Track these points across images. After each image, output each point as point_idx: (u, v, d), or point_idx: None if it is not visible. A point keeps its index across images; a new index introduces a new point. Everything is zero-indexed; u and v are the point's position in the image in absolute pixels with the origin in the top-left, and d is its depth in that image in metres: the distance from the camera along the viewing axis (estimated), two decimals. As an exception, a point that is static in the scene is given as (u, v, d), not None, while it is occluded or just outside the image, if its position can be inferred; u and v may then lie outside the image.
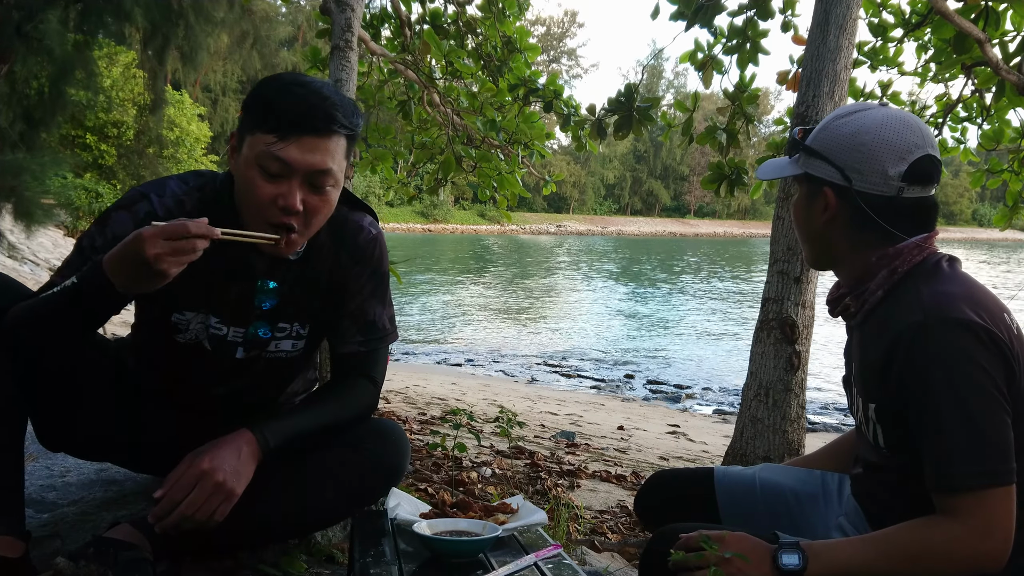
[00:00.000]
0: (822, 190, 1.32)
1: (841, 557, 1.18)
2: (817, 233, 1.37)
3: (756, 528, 1.27)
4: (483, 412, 5.86)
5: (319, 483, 1.53)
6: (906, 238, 1.29)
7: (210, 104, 39.51)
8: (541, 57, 18.28)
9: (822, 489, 1.54)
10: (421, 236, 49.62)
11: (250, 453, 1.39)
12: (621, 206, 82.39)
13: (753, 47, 4.45)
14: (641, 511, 1.65)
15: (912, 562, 1.15)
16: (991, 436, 1.13)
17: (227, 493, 1.34)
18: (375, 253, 1.59)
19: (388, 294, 1.65)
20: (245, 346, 1.55)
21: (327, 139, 1.36)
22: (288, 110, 1.33)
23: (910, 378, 1.18)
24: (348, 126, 1.39)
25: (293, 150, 1.34)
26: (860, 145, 1.27)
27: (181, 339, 1.53)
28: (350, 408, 1.57)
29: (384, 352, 1.65)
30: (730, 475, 1.59)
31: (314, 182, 1.37)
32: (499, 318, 15.41)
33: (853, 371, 1.39)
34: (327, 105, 1.35)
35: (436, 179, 5.15)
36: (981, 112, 4.67)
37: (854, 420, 1.42)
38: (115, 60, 18.43)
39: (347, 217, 1.57)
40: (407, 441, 1.65)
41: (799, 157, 1.36)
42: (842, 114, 1.33)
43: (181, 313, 1.51)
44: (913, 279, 1.26)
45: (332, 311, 1.58)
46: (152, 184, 1.49)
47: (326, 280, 1.55)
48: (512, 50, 4.91)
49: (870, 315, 1.31)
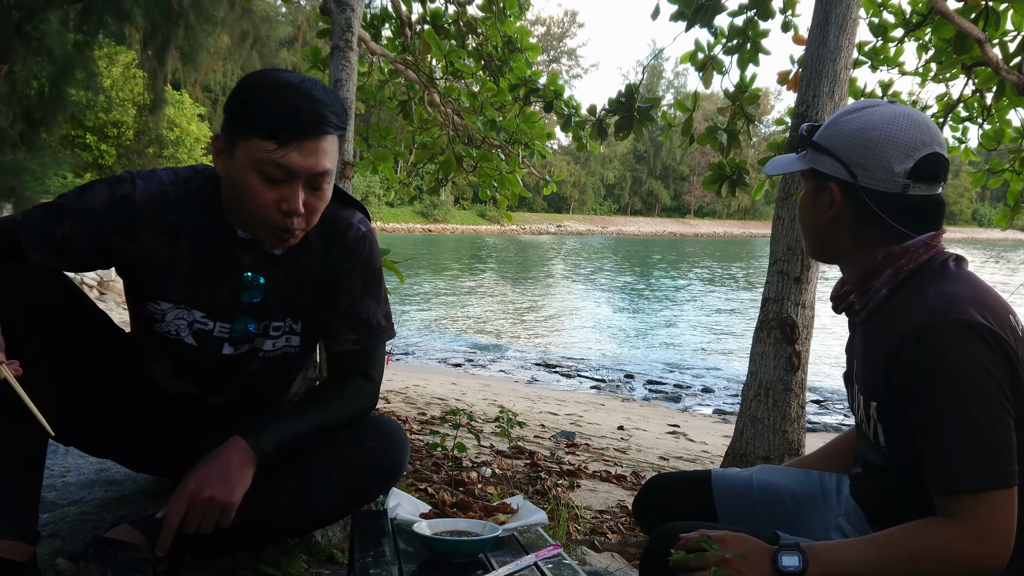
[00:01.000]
0: (827, 186, 1.32)
1: (841, 558, 1.18)
2: (822, 229, 1.36)
3: (755, 529, 1.27)
4: (483, 412, 5.86)
5: (318, 482, 1.52)
6: (912, 236, 1.28)
7: (210, 104, 39.50)
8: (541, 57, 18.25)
9: (820, 490, 1.53)
10: (421, 236, 49.62)
11: (242, 460, 1.39)
12: (621, 206, 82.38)
13: (753, 47, 4.45)
14: (640, 514, 1.64)
15: (912, 564, 1.15)
16: (994, 438, 1.13)
17: (221, 505, 1.35)
18: (365, 250, 1.58)
19: (382, 291, 1.64)
20: (232, 342, 1.54)
21: (323, 140, 1.36)
22: (283, 116, 1.33)
23: (914, 378, 1.17)
24: (340, 125, 1.40)
25: (294, 156, 1.34)
26: (867, 141, 1.27)
27: (159, 329, 1.52)
28: (348, 407, 1.57)
29: (381, 350, 1.64)
30: (728, 477, 1.59)
31: (314, 184, 1.38)
32: (499, 318, 15.41)
33: (855, 368, 1.38)
34: (319, 107, 1.35)
35: (437, 179, 5.15)
36: (982, 112, 4.68)
37: (854, 417, 1.41)
38: (115, 60, 18.44)
39: (336, 214, 1.56)
40: (407, 439, 1.64)
41: (806, 153, 1.36)
42: (850, 110, 1.32)
43: (156, 303, 1.50)
44: (919, 278, 1.26)
45: (324, 309, 1.58)
46: (145, 171, 1.50)
47: (316, 277, 1.55)
48: (513, 50, 4.92)
49: (874, 313, 1.31)
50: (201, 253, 1.46)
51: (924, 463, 1.18)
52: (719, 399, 8.78)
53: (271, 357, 1.59)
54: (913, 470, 1.22)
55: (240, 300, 1.51)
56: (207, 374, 1.59)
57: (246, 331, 1.54)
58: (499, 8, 4.81)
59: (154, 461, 1.69)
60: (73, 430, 1.57)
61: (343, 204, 1.60)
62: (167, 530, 1.34)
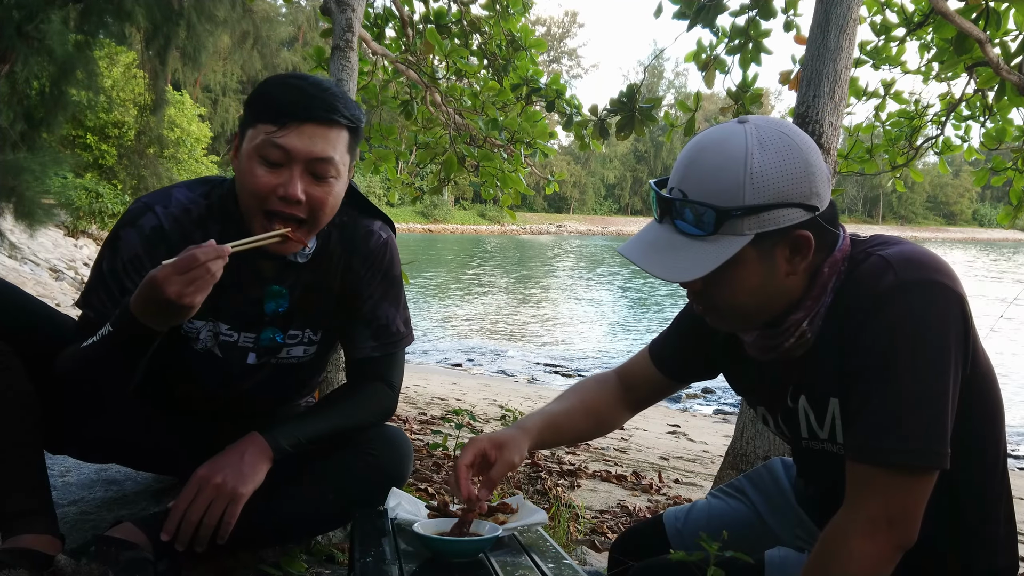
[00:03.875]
0: (785, 239, 1.12)
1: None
2: (774, 290, 1.16)
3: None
4: (483, 412, 5.85)
5: (321, 488, 1.52)
6: (838, 232, 1.18)
7: (210, 104, 39.52)
8: (542, 57, 18.13)
9: (755, 512, 1.49)
10: (421, 236, 49.63)
11: (257, 455, 1.40)
12: (621, 206, 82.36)
13: (755, 47, 4.44)
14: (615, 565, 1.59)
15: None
16: (944, 417, 1.05)
17: (230, 494, 1.35)
18: (386, 257, 1.58)
19: (402, 297, 1.64)
20: (257, 352, 1.55)
21: (328, 128, 1.36)
22: (288, 99, 1.35)
23: (881, 336, 1.07)
24: (349, 117, 1.39)
25: (293, 137, 1.34)
26: (806, 166, 1.11)
27: (197, 347, 1.53)
28: (367, 411, 1.57)
29: (400, 356, 1.64)
30: (678, 515, 1.55)
31: (315, 171, 1.37)
32: (499, 318, 15.40)
33: (803, 387, 1.23)
34: (327, 95, 1.36)
35: (439, 179, 5.15)
36: (984, 111, 4.68)
37: (797, 445, 1.30)
38: (116, 60, 18.44)
39: (357, 222, 1.57)
40: (411, 448, 1.65)
41: (726, 227, 1.10)
42: (739, 155, 1.09)
43: (191, 323, 1.50)
44: (854, 262, 1.16)
45: (345, 317, 1.58)
46: (156, 195, 1.50)
47: (339, 287, 1.55)
48: (517, 48, 4.92)
49: (823, 325, 1.18)
50: (226, 268, 1.48)
51: (853, 424, 1.10)
52: (719, 399, 8.78)
53: (284, 364, 1.59)
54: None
55: (265, 312, 1.51)
56: (226, 381, 1.59)
57: (273, 341, 1.54)
58: (503, 6, 4.81)
59: (163, 460, 1.69)
60: (70, 439, 1.56)
61: (364, 212, 1.59)
62: (174, 512, 1.35)
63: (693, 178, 1.12)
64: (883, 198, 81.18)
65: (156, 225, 1.44)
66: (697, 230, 1.12)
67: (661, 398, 1.55)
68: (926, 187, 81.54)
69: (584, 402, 1.50)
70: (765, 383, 1.31)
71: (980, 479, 1.20)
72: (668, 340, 1.47)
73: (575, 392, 1.52)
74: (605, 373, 1.56)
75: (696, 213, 1.11)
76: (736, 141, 1.11)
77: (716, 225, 1.10)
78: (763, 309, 1.18)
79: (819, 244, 1.14)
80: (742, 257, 1.12)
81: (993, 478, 1.21)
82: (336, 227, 1.54)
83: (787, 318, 1.18)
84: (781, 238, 1.12)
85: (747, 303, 1.17)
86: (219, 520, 1.36)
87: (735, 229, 1.10)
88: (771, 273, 1.14)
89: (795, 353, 1.21)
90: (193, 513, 1.34)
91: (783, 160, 1.10)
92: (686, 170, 1.14)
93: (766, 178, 1.09)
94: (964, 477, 1.15)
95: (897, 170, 5.30)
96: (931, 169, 35.07)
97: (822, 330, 1.18)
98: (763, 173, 1.09)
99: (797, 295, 1.17)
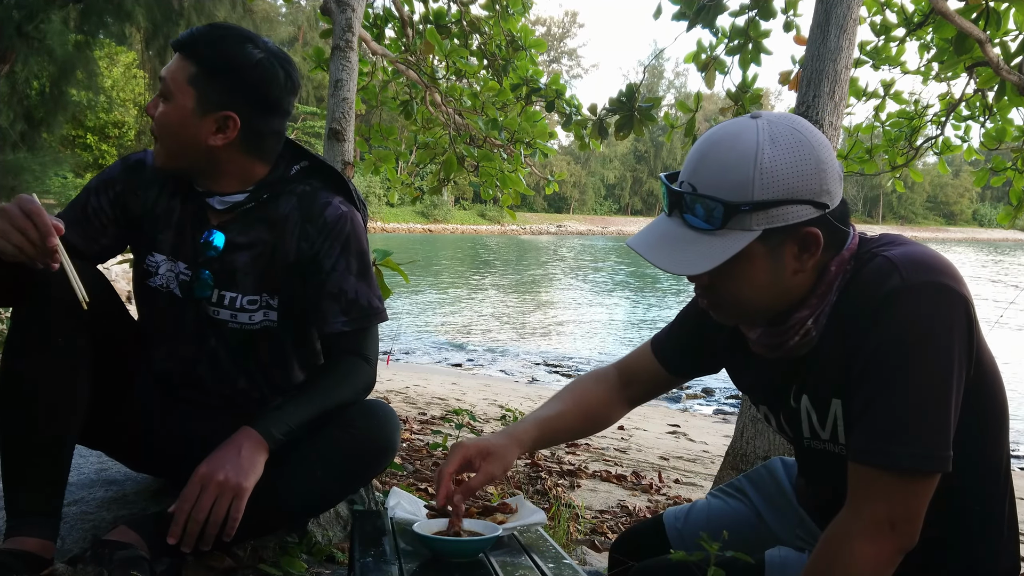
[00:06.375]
0: (794, 235, 1.11)
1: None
2: (782, 286, 1.15)
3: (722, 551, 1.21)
4: (483, 412, 5.86)
5: (310, 467, 1.51)
6: (848, 231, 1.18)
7: (211, 104, 39.46)
8: (542, 57, 18.15)
9: (755, 512, 1.49)
10: (421, 236, 49.63)
11: (253, 447, 1.39)
12: (621, 206, 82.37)
13: (755, 47, 4.45)
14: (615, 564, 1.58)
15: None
16: (947, 420, 1.05)
17: (234, 489, 1.35)
18: (345, 229, 1.58)
19: (370, 274, 1.63)
20: (213, 302, 1.58)
21: (179, 56, 1.52)
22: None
23: (882, 343, 1.07)
24: (195, 51, 1.49)
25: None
26: (819, 163, 1.10)
27: (152, 283, 1.59)
28: (348, 387, 1.56)
29: (374, 331, 1.63)
30: (678, 515, 1.55)
31: (161, 91, 1.52)
32: (499, 318, 15.41)
33: (801, 389, 1.23)
34: (199, 31, 1.52)
35: (439, 179, 5.15)
36: (984, 111, 4.68)
37: (799, 444, 1.30)
38: (116, 60, 18.47)
39: (317, 192, 1.60)
40: (396, 416, 1.63)
41: (733, 222, 1.10)
42: (749, 151, 1.09)
43: (152, 255, 1.60)
44: (860, 261, 1.15)
45: (307, 287, 1.58)
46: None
47: (294, 253, 1.57)
48: (516, 48, 4.92)
49: (827, 325, 1.18)
50: (186, 207, 1.59)
51: (855, 429, 1.09)
52: (719, 399, 8.78)
53: (252, 330, 1.59)
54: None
55: (205, 251, 1.57)
56: (193, 332, 1.60)
57: (207, 280, 1.58)
58: (502, 6, 4.81)
59: (161, 462, 1.69)
60: (101, 433, 1.59)
61: (326, 184, 1.63)
62: (179, 514, 1.34)
63: (703, 172, 1.12)
64: (883, 198, 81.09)
65: (140, 159, 1.62)
66: (706, 224, 1.11)
67: (660, 393, 1.55)
68: (926, 187, 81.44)
69: (579, 403, 1.49)
70: (767, 382, 1.31)
71: (983, 481, 1.19)
72: (672, 334, 1.47)
73: (571, 391, 1.52)
74: (603, 368, 1.56)
75: (705, 207, 1.11)
76: (747, 136, 1.11)
77: (724, 219, 1.10)
78: (769, 305, 1.18)
79: (828, 242, 1.14)
80: (750, 252, 1.11)
81: (996, 480, 1.21)
82: (295, 194, 1.59)
83: (792, 315, 1.18)
84: (790, 235, 1.11)
85: (753, 299, 1.16)
86: (224, 517, 1.36)
87: (743, 224, 1.09)
88: (778, 270, 1.14)
89: (799, 352, 1.21)
90: (199, 512, 1.34)
91: (794, 156, 1.09)
92: (697, 164, 1.14)
93: (776, 174, 1.08)
94: (966, 479, 1.14)
95: (897, 170, 5.31)
96: (931, 169, 35.05)
97: (825, 330, 1.18)
98: (773, 169, 1.08)
99: (804, 293, 1.17)
